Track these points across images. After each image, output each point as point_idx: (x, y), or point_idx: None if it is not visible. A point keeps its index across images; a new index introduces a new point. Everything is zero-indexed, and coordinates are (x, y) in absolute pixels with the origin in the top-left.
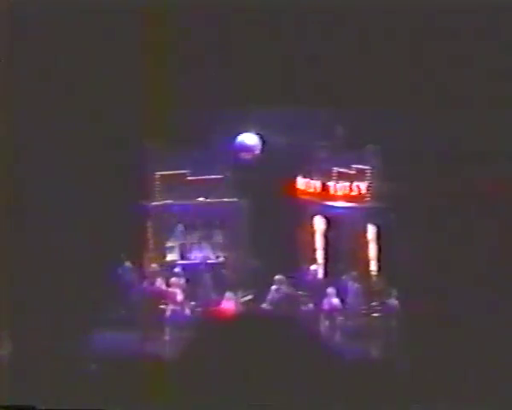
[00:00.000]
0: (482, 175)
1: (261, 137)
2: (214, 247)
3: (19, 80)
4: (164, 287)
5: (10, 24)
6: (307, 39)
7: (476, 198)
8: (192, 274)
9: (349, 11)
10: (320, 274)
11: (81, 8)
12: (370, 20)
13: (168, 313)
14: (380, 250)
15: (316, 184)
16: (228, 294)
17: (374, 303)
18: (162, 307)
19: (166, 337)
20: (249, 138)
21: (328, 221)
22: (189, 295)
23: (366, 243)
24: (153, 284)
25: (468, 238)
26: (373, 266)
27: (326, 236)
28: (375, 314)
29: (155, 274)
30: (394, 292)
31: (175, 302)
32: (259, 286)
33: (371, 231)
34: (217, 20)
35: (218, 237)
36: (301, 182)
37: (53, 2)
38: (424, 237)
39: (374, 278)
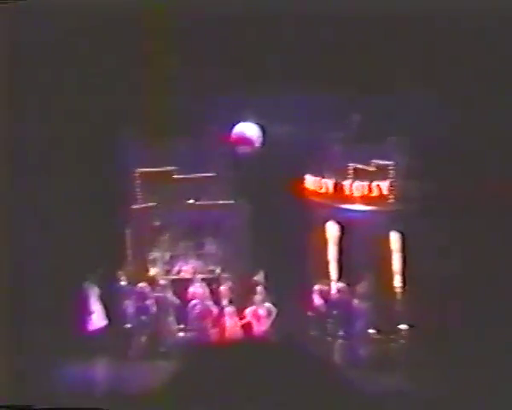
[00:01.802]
0: None
1: (262, 128)
2: (207, 259)
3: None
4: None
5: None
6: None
7: None
8: (180, 291)
9: None
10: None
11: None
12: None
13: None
14: (405, 262)
15: (328, 184)
16: (224, 312)
17: (399, 327)
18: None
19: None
20: (248, 129)
21: (343, 228)
22: (178, 317)
23: (389, 254)
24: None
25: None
26: (397, 282)
27: (340, 245)
28: (400, 340)
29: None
30: (422, 313)
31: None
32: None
33: (395, 239)
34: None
35: (212, 247)
36: (310, 181)
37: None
38: (458, 246)
39: (398, 296)
